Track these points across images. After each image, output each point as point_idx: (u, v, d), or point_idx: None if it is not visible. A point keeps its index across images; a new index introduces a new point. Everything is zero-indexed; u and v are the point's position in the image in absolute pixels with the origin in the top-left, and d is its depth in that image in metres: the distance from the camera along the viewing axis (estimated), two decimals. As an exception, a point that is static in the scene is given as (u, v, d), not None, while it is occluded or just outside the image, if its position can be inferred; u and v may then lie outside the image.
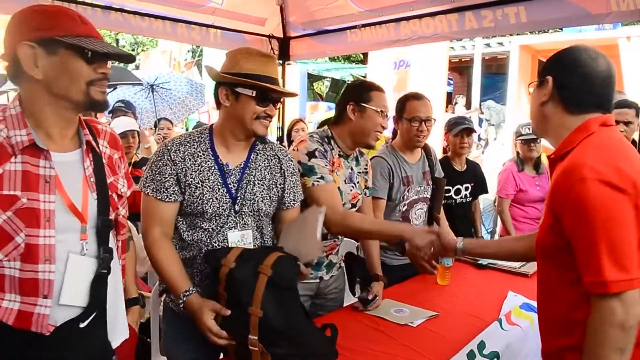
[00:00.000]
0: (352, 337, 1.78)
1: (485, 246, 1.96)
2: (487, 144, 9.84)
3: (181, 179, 1.62)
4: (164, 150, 1.65)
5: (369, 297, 2.04)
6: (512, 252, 1.77)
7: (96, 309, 1.30)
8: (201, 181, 1.63)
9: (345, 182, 2.11)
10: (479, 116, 10.45)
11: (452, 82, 13.12)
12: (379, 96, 2.09)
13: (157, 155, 1.66)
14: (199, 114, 9.83)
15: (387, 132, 3.08)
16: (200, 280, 1.67)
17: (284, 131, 4.75)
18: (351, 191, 2.14)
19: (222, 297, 1.52)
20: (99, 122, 1.44)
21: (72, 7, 2.52)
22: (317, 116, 10.11)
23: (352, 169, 2.17)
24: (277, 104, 1.70)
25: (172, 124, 5.58)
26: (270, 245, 1.77)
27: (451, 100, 11.80)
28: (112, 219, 1.36)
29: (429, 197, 2.65)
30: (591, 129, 1.29)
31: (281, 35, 4.47)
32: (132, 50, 17.50)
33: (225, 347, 1.57)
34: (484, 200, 4.70)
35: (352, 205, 2.15)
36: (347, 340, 1.72)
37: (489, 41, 11.12)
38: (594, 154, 1.22)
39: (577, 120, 1.32)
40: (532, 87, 1.43)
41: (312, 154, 1.98)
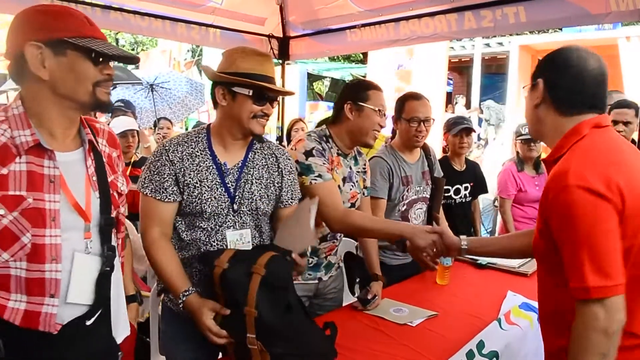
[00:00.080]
0: (352, 337, 1.78)
1: (490, 244, 1.92)
2: (487, 144, 9.85)
3: (180, 179, 1.62)
4: (162, 150, 1.65)
5: (368, 296, 2.04)
6: (519, 249, 1.74)
7: (101, 307, 1.31)
8: (199, 181, 1.63)
9: (344, 181, 2.11)
10: (479, 116, 10.45)
11: (451, 82, 13.12)
12: (377, 95, 2.08)
13: (155, 155, 1.66)
14: (198, 113, 9.81)
15: (387, 132, 3.09)
16: (199, 280, 1.67)
17: (283, 131, 4.75)
18: (350, 190, 2.14)
19: (220, 297, 1.53)
20: (97, 121, 1.44)
21: (72, 7, 2.51)
22: (317, 116, 10.10)
23: (350, 168, 2.17)
24: (274, 103, 1.70)
25: (171, 123, 5.58)
26: (268, 244, 1.77)
27: (451, 100, 11.80)
28: (114, 217, 1.37)
29: (428, 196, 2.65)
30: (582, 133, 1.28)
31: (281, 34, 4.47)
32: (132, 49, 17.48)
33: (224, 347, 1.57)
34: (484, 200, 4.70)
35: (351, 204, 2.15)
36: (346, 339, 1.72)
37: (488, 41, 11.11)
38: (581, 160, 1.22)
39: (570, 122, 1.31)
40: (526, 90, 1.43)
41: (309, 153, 1.98)
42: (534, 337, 1.86)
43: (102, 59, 1.24)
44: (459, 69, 13.49)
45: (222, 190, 1.66)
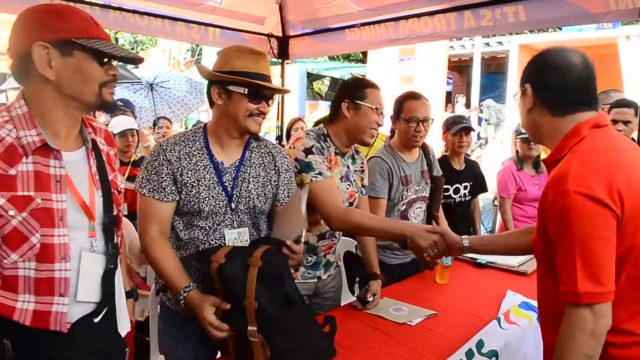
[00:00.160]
0: (351, 336, 1.78)
1: (492, 242, 1.92)
2: (487, 143, 9.85)
3: (177, 178, 1.62)
4: (159, 150, 1.65)
5: (367, 295, 2.04)
6: (520, 246, 1.74)
7: (108, 304, 1.34)
8: (197, 180, 1.63)
9: (341, 180, 2.11)
10: (479, 115, 10.46)
11: (451, 81, 13.12)
12: (374, 93, 2.08)
13: (153, 155, 1.66)
14: (198, 113, 9.82)
15: (386, 131, 3.09)
16: (197, 278, 1.67)
17: (283, 130, 4.75)
18: (347, 189, 2.14)
19: (220, 292, 1.53)
20: (94, 120, 1.45)
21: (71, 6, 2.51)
22: (317, 115, 10.08)
23: (348, 167, 2.17)
24: (270, 101, 1.69)
25: (171, 123, 5.58)
26: (262, 237, 1.77)
27: (451, 99, 11.80)
28: (116, 215, 1.38)
29: (428, 196, 2.65)
30: (582, 134, 1.28)
31: (280, 34, 4.47)
32: (132, 49, 17.46)
33: (224, 345, 1.57)
34: (483, 199, 4.69)
35: (350, 203, 2.14)
36: (345, 338, 1.72)
37: (488, 40, 11.12)
38: (581, 163, 1.22)
39: (567, 122, 1.31)
40: (517, 99, 1.44)
41: (309, 151, 1.98)
42: (534, 336, 1.86)
43: (108, 60, 1.24)
44: (459, 68, 13.49)
45: (219, 189, 1.66)
